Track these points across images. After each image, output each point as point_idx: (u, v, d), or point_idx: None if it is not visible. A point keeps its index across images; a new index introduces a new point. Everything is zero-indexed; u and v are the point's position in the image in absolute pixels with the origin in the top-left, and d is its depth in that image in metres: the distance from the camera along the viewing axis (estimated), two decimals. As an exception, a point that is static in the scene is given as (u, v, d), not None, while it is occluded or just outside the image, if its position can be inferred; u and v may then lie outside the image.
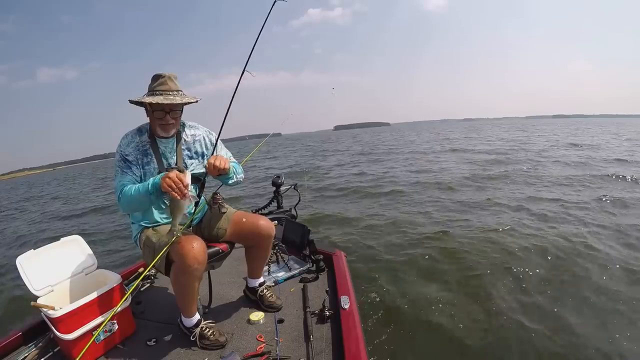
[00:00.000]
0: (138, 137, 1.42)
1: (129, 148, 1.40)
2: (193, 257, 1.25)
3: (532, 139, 19.49)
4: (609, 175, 7.00)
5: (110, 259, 4.39)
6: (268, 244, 1.59)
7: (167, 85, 1.37)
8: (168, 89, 1.37)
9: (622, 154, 10.48)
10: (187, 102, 1.41)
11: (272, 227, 1.57)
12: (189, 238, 1.31)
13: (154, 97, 1.35)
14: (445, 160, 11.59)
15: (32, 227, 8.00)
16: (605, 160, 9.35)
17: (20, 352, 1.44)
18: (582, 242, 3.50)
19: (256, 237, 1.55)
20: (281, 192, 2.74)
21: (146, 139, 1.43)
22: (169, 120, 1.40)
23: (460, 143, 18.73)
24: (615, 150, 12.04)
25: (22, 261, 1.44)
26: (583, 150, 12.22)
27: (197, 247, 1.28)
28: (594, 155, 10.65)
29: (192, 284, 1.32)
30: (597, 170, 7.79)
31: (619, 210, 4.76)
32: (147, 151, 1.42)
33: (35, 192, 19.72)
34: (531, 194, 5.78)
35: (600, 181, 6.66)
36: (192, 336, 1.40)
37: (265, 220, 1.56)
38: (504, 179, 7.37)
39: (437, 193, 6.46)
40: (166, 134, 1.45)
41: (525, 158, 10.62)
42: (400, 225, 4.54)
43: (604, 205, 4.99)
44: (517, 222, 4.29)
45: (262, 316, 1.57)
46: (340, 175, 10.02)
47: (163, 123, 1.40)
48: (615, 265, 3.00)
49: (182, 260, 1.26)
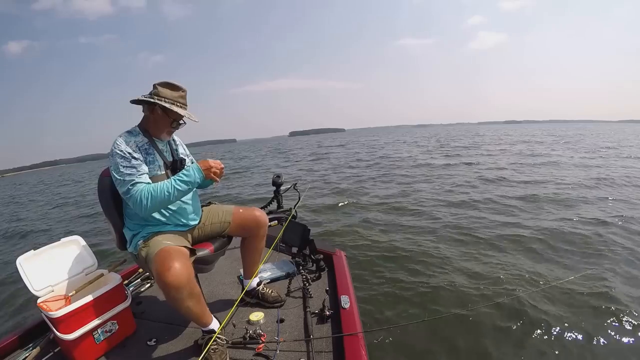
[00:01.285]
0: (133, 137, 1.40)
1: (129, 147, 1.36)
2: (169, 283, 1.16)
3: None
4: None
5: (110, 259, 4.39)
6: (264, 232, 1.67)
7: (185, 100, 1.46)
8: (185, 103, 1.46)
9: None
10: (196, 121, 1.49)
11: (266, 215, 1.67)
12: (170, 255, 1.22)
13: (179, 109, 1.40)
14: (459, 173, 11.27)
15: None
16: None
17: (21, 352, 1.43)
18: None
19: (254, 227, 1.63)
20: (281, 191, 2.74)
21: (143, 138, 1.43)
22: (176, 129, 1.50)
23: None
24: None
25: (22, 261, 1.43)
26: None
27: (178, 268, 1.18)
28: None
29: (180, 306, 1.22)
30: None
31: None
32: (148, 150, 1.42)
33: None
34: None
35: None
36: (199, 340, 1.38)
37: (258, 210, 1.68)
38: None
39: (440, 197, 6.46)
40: (168, 138, 1.52)
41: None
42: (400, 225, 4.55)
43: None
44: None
45: (262, 316, 1.57)
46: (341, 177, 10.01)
47: (172, 130, 1.48)
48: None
49: (158, 283, 1.19)
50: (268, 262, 2.14)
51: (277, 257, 2.24)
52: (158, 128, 1.45)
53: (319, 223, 4.98)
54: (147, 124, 1.46)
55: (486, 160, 11.67)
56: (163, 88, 1.40)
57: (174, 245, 1.29)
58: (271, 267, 2.08)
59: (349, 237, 4.23)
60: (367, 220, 4.89)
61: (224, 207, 1.65)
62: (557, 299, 2.55)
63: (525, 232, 3.96)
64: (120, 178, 1.30)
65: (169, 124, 1.44)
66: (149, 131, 1.46)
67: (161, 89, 1.40)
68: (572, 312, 2.39)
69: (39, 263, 1.49)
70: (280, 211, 2.74)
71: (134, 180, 1.29)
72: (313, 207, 6.00)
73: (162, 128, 1.45)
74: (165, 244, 1.28)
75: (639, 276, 2.88)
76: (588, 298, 2.54)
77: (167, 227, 1.42)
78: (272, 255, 2.29)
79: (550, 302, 2.51)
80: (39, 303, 1.38)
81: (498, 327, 2.27)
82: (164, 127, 1.45)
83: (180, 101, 1.43)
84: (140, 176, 1.32)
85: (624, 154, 12.26)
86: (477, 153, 14.56)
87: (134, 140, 1.39)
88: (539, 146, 16.97)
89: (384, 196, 6.57)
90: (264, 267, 2.07)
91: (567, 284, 2.66)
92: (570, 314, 2.38)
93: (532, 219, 4.52)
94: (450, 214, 4.96)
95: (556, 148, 15.68)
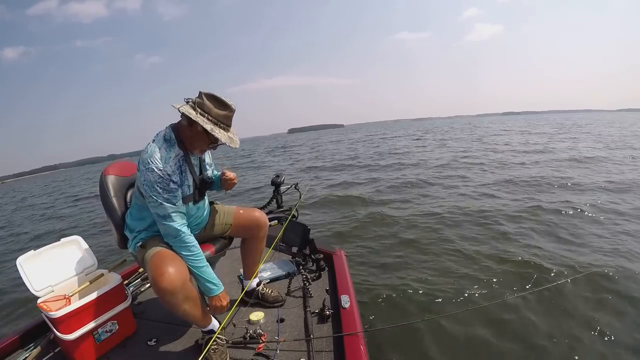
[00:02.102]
0: (172, 151, 1.25)
1: (169, 166, 1.22)
2: (163, 288, 1.15)
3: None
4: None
5: (111, 258, 4.39)
6: (264, 233, 1.66)
7: (230, 121, 1.29)
8: (229, 124, 1.29)
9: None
10: (235, 147, 1.31)
11: (266, 217, 1.67)
12: (164, 259, 1.20)
13: (221, 133, 1.24)
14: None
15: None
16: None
17: (21, 352, 1.44)
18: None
19: (254, 228, 1.62)
20: (281, 191, 2.74)
21: (179, 152, 1.28)
22: (212, 150, 1.38)
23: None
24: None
25: (22, 261, 1.44)
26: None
27: (172, 273, 1.16)
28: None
29: (177, 310, 1.22)
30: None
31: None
32: (182, 167, 1.29)
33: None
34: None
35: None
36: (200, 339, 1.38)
37: (258, 211, 1.67)
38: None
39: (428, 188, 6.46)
40: (200, 155, 1.39)
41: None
42: (401, 225, 4.55)
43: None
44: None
45: (262, 316, 1.57)
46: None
47: (206, 150, 1.35)
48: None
49: (154, 288, 1.18)
50: (268, 262, 2.15)
51: (277, 257, 2.25)
52: (193, 145, 1.30)
53: (319, 223, 4.97)
54: (182, 135, 1.29)
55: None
56: (209, 102, 1.23)
57: (169, 249, 1.27)
58: (271, 267, 2.08)
59: (349, 237, 4.23)
60: (368, 220, 4.89)
61: (225, 208, 1.64)
62: (561, 297, 2.55)
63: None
64: (155, 198, 1.21)
65: (207, 145, 1.30)
66: (184, 142, 1.30)
67: (207, 103, 1.22)
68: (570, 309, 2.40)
69: (39, 263, 1.49)
70: (280, 211, 2.74)
71: (169, 212, 1.23)
72: (313, 207, 6.00)
73: (198, 146, 1.30)
74: (161, 247, 1.27)
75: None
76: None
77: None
78: (272, 255, 2.29)
79: (554, 302, 2.51)
80: (39, 303, 1.39)
81: (498, 327, 2.27)
82: (199, 145, 1.30)
83: (225, 122, 1.26)
84: (177, 204, 1.25)
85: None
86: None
87: (174, 155, 1.26)
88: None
89: (384, 196, 6.57)
90: (264, 267, 2.07)
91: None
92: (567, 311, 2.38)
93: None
94: (453, 215, 4.95)
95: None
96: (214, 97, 1.24)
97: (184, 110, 1.21)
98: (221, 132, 1.24)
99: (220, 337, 1.33)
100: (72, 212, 10.02)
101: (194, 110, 1.21)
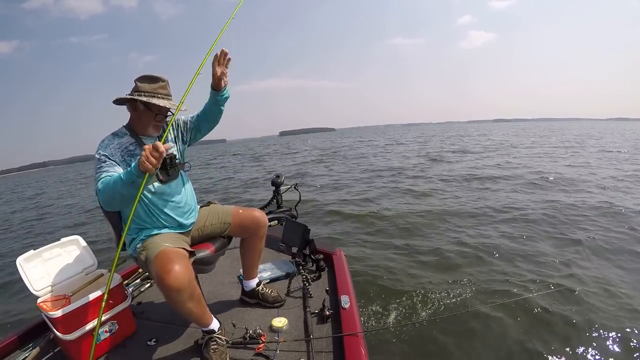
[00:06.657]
0: (117, 139, 1.36)
1: (108, 149, 1.32)
2: (170, 285, 1.16)
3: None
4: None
5: (110, 259, 4.38)
6: (264, 233, 1.66)
7: (167, 89, 1.39)
8: (167, 94, 1.39)
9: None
10: (184, 110, 1.35)
11: (265, 216, 1.66)
12: (170, 257, 1.21)
13: (160, 100, 1.34)
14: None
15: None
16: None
17: (21, 352, 1.44)
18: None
19: (254, 228, 1.61)
20: (281, 191, 2.74)
21: (129, 139, 1.37)
22: (163, 122, 1.42)
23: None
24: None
25: (22, 261, 1.43)
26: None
27: (178, 271, 1.17)
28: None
29: (182, 308, 1.23)
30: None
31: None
32: (133, 151, 1.36)
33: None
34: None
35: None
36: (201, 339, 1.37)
37: (258, 211, 1.66)
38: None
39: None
40: (157, 133, 1.43)
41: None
42: (401, 225, 4.55)
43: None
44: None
45: (285, 322, 1.54)
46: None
47: (158, 124, 1.41)
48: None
49: (159, 285, 1.19)
50: (268, 262, 2.14)
51: (277, 257, 2.24)
52: (143, 124, 1.39)
53: (319, 223, 4.97)
54: (133, 123, 1.41)
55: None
56: (142, 82, 1.35)
57: (172, 247, 1.28)
58: (271, 267, 2.08)
59: (349, 237, 4.23)
60: (368, 220, 4.89)
61: (223, 208, 1.64)
62: (569, 300, 2.55)
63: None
64: (96, 178, 1.27)
65: (153, 118, 1.37)
66: (135, 130, 1.40)
67: (140, 84, 1.35)
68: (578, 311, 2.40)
69: (39, 263, 1.49)
70: (280, 211, 2.73)
71: (100, 174, 1.25)
72: (313, 206, 6.00)
73: (147, 123, 1.38)
74: (164, 246, 1.27)
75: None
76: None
77: (164, 229, 1.40)
78: (272, 255, 2.29)
79: (558, 303, 2.50)
80: (38, 303, 1.38)
81: (498, 328, 2.27)
82: (148, 122, 1.38)
83: (161, 92, 1.36)
84: (108, 171, 1.26)
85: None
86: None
87: (118, 142, 1.34)
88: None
89: (384, 196, 6.57)
90: (264, 267, 2.06)
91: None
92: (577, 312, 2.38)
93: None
94: (453, 215, 4.95)
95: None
96: (145, 76, 1.37)
97: (118, 97, 1.35)
98: (160, 100, 1.34)
99: (220, 337, 1.33)
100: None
101: (131, 96, 1.34)
